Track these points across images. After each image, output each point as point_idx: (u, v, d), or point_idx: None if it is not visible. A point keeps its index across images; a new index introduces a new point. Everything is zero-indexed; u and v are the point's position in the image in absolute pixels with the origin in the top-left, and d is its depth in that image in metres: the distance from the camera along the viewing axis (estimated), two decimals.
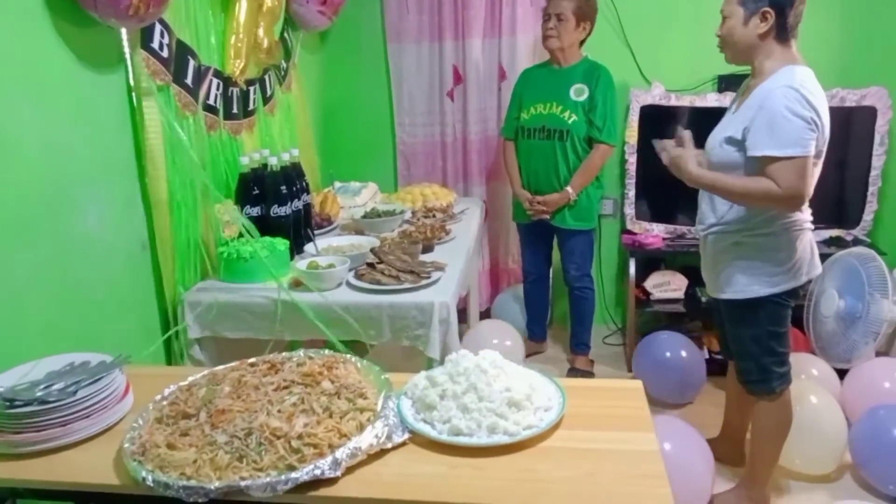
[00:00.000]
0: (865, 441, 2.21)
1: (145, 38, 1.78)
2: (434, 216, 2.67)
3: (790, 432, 2.07)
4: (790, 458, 2.22)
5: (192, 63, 1.98)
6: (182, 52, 1.94)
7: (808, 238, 1.91)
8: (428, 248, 2.26)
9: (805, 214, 1.88)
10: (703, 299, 2.99)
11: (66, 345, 1.45)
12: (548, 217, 2.91)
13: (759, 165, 1.76)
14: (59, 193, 1.54)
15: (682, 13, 3.18)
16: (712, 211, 1.96)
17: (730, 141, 1.83)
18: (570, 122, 2.81)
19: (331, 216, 2.62)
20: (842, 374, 2.61)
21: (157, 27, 1.80)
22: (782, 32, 1.80)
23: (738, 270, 1.91)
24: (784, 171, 1.71)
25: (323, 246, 2.23)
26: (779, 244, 1.86)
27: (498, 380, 1.24)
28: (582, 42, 2.86)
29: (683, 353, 2.79)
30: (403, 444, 1.17)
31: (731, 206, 1.89)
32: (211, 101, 2.12)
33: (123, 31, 1.71)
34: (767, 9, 1.77)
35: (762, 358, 1.97)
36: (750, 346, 1.98)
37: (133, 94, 1.78)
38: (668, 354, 2.79)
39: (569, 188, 2.83)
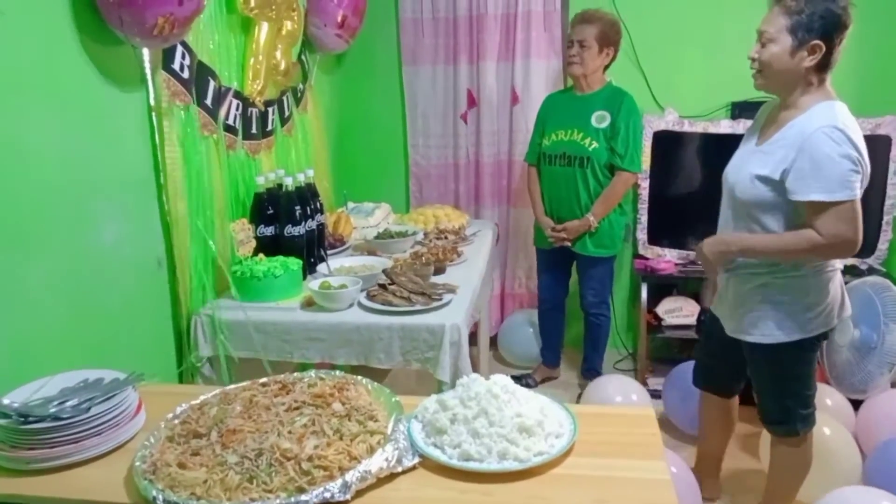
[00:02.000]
0: (880, 474, 2.17)
1: (167, 59, 1.81)
2: (446, 238, 2.68)
3: None
4: (802, 491, 2.18)
5: (212, 84, 2.02)
6: (203, 74, 1.97)
7: (839, 279, 1.83)
8: (440, 270, 2.27)
9: None
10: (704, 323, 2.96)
11: (80, 360, 1.47)
12: (569, 244, 2.90)
13: (803, 210, 1.67)
14: (76, 208, 1.56)
15: (696, 39, 3.20)
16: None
17: (763, 180, 1.72)
18: (590, 149, 2.80)
19: (343, 236, 2.63)
20: (856, 404, 2.57)
21: (179, 49, 1.84)
22: (824, 67, 1.69)
23: (767, 314, 1.80)
24: (828, 219, 1.62)
25: (335, 266, 2.24)
26: (809, 286, 1.77)
27: (509, 405, 1.24)
28: (606, 67, 2.87)
29: None
30: (413, 468, 1.16)
31: None
32: (230, 122, 2.16)
33: (146, 51, 1.74)
34: (819, 42, 1.65)
35: (785, 400, 1.89)
36: (773, 388, 1.90)
37: (153, 113, 1.81)
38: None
39: (590, 216, 2.82)
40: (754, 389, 1.98)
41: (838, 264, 1.83)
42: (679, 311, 3.16)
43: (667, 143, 3.24)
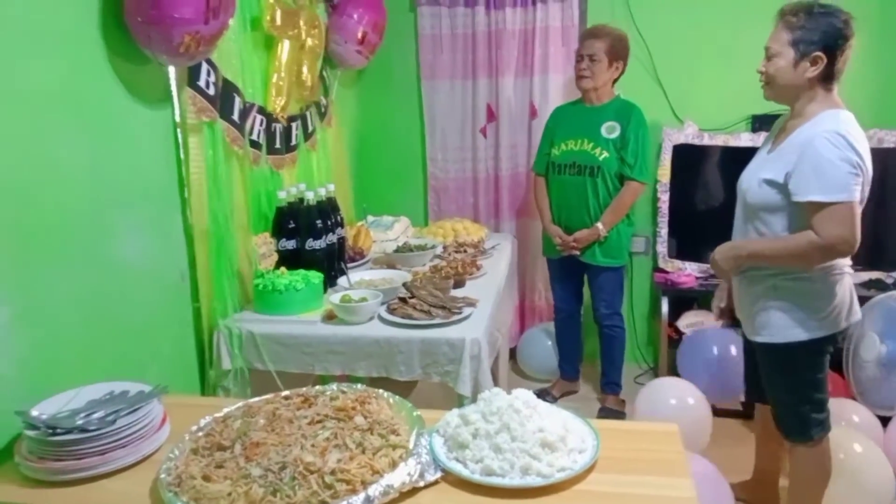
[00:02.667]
0: None
1: (192, 76, 1.85)
2: (465, 251, 2.69)
3: (834, 482, 2.00)
4: None
5: (237, 100, 2.05)
6: (228, 90, 2.00)
7: (848, 283, 1.86)
8: (459, 284, 2.27)
9: (845, 259, 1.82)
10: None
11: (104, 372, 1.49)
12: (578, 253, 2.90)
13: (804, 210, 1.73)
14: (102, 222, 1.58)
15: (715, 52, 3.19)
16: None
17: (770, 183, 1.79)
18: (601, 158, 2.82)
19: (363, 250, 2.65)
20: (884, 420, 2.52)
21: (204, 66, 1.87)
22: (829, 77, 1.77)
23: (776, 314, 1.86)
24: (828, 220, 1.68)
25: (356, 279, 2.25)
26: (816, 290, 1.81)
27: (531, 420, 1.23)
28: (615, 81, 2.89)
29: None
30: (436, 482, 1.16)
31: None
32: (255, 137, 2.19)
33: (172, 69, 1.78)
34: (820, 53, 1.73)
35: (800, 406, 1.91)
36: (786, 393, 1.92)
37: (179, 129, 1.84)
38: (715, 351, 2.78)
39: (599, 224, 2.83)
40: (769, 397, 2.00)
41: (847, 268, 1.85)
42: (700, 325, 3.13)
43: (686, 156, 3.23)
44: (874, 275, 3.02)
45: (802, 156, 1.72)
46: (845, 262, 1.84)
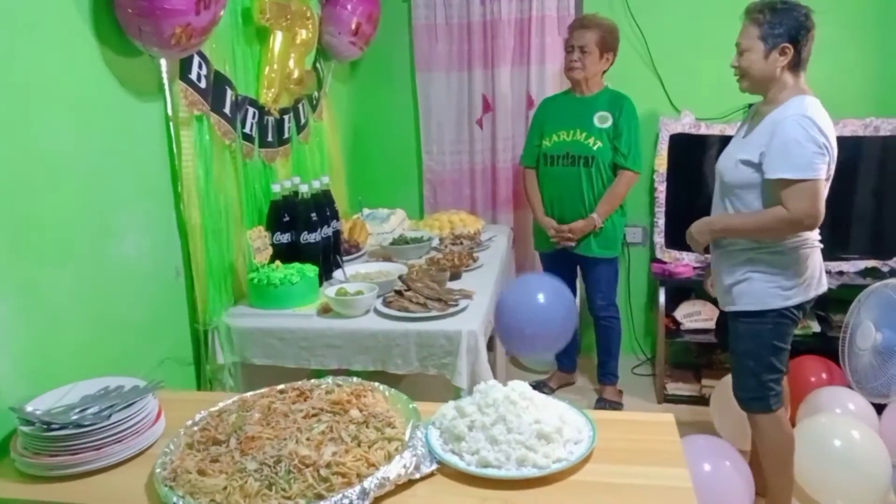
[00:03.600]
0: None
1: (184, 69, 1.83)
2: (462, 244, 2.68)
3: (831, 468, 2.03)
4: (831, 498, 2.15)
5: (229, 93, 2.04)
6: (220, 83, 1.99)
7: (818, 256, 2.00)
8: (455, 276, 2.27)
9: (814, 234, 1.96)
10: None
11: (101, 368, 1.49)
12: (573, 245, 2.89)
13: (774, 187, 1.87)
14: (97, 218, 1.58)
15: (712, 41, 3.15)
16: None
17: (745, 163, 1.93)
18: (594, 148, 2.81)
19: (359, 243, 2.64)
20: (879, 408, 2.53)
21: (196, 59, 1.86)
22: (796, 65, 1.92)
23: (752, 284, 1.97)
24: (795, 195, 1.83)
25: (351, 273, 2.24)
26: (790, 261, 1.94)
27: (527, 411, 1.23)
28: (604, 71, 2.88)
29: None
30: (431, 474, 1.16)
31: None
32: (247, 130, 2.17)
33: (163, 61, 1.76)
34: (787, 44, 1.88)
35: (761, 374, 2.01)
36: (750, 361, 2.02)
37: (171, 122, 1.83)
38: None
39: (594, 215, 2.82)
40: (732, 367, 2.11)
41: (817, 242, 1.98)
42: (697, 315, 3.13)
43: (683, 145, 3.22)
44: (870, 263, 3.02)
45: (773, 137, 1.86)
46: (815, 236, 1.97)
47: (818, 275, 2.01)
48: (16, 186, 1.35)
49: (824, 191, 1.86)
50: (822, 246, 2.00)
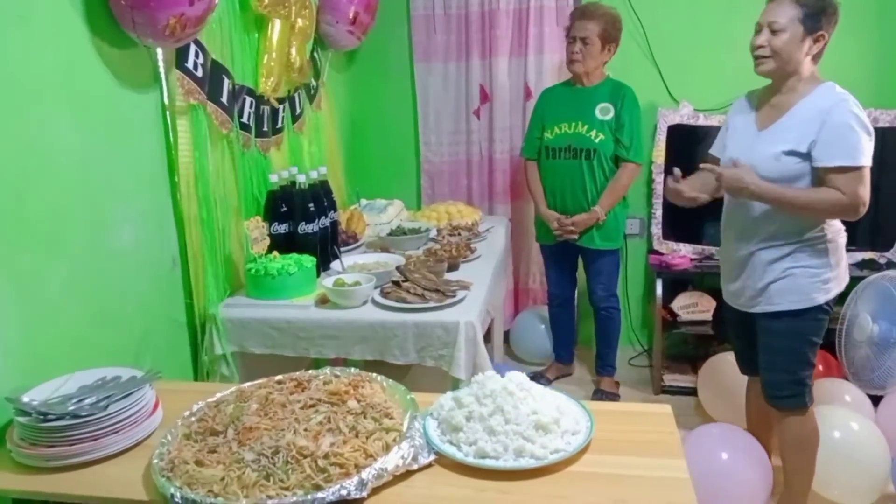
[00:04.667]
0: None
1: (180, 58, 1.82)
2: (459, 234, 2.67)
3: (830, 460, 2.03)
4: (828, 488, 2.16)
5: (226, 82, 2.02)
6: (217, 72, 1.98)
7: (844, 247, 1.98)
8: (453, 267, 2.26)
9: (842, 224, 1.95)
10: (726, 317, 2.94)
11: (97, 359, 1.48)
12: (575, 238, 2.89)
13: (828, 174, 1.82)
14: (92, 209, 1.57)
15: (711, 32, 3.17)
16: (757, 227, 1.94)
17: (791, 153, 1.86)
18: (596, 140, 2.80)
19: (357, 233, 2.63)
20: (875, 400, 2.54)
21: (192, 48, 1.84)
22: (818, 54, 1.88)
23: (798, 279, 1.91)
24: (852, 181, 1.79)
25: (349, 263, 2.24)
26: (829, 251, 1.91)
27: (525, 402, 1.23)
28: (606, 62, 2.86)
29: None
30: (429, 465, 1.16)
31: (786, 219, 1.89)
32: (244, 120, 2.16)
33: (159, 51, 1.75)
34: (823, 32, 1.83)
35: (798, 371, 1.96)
36: (787, 359, 1.96)
37: (167, 112, 1.82)
38: None
39: (597, 208, 2.82)
40: (762, 366, 2.03)
41: (844, 233, 1.96)
42: (695, 307, 3.13)
43: (682, 136, 3.21)
44: (867, 255, 3.02)
45: (824, 125, 1.80)
46: (842, 226, 1.95)
47: (846, 266, 1.99)
48: (10, 178, 1.33)
49: (869, 177, 1.84)
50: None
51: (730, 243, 2.05)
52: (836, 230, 1.93)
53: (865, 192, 1.81)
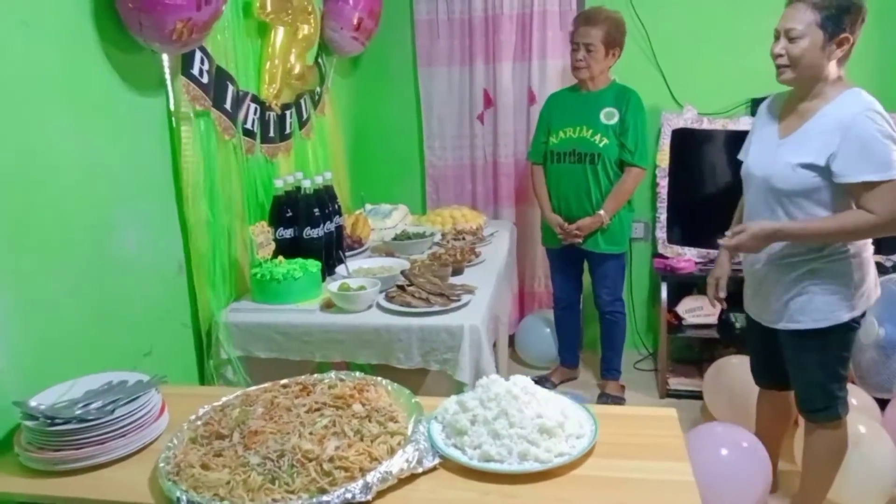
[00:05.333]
0: None
1: (186, 64, 1.83)
2: (464, 239, 2.68)
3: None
4: (837, 492, 2.15)
5: (230, 88, 2.04)
6: (221, 78, 1.99)
7: (873, 260, 1.90)
8: (458, 271, 2.27)
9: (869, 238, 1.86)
10: (738, 325, 2.93)
11: (103, 363, 1.49)
12: (580, 242, 2.89)
13: (854, 190, 1.72)
14: (98, 214, 1.58)
15: (715, 35, 3.17)
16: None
17: (808, 167, 1.76)
18: (601, 145, 2.80)
19: (361, 238, 2.64)
20: (882, 403, 2.52)
21: (198, 54, 1.86)
22: (845, 57, 1.77)
23: (818, 297, 1.84)
24: (882, 197, 1.69)
25: (354, 268, 2.24)
26: (853, 267, 1.83)
27: (529, 406, 1.23)
28: (610, 66, 2.87)
29: None
30: (434, 469, 1.16)
31: None
32: (248, 126, 2.17)
33: (165, 57, 1.76)
34: (847, 35, 1.72)
35: (829, 384, 1.91)
36: (817, 373, 1.92)
37: (173, 118, 1.83)
38: None
39: (601, 212, 2.82)
40: (793, 379, 2.00)
41: (871, 246, 1.88)
42: (700, 311, 3.12)
43: (685, 140, 3.21)
44: (874, 258, 3.00)
45: (846, 137, 1.70)
46: (869, 239, 1.86)
47: (874, 279, 1.89)
48: (16, 181, 1.34)
49: None
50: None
51: (750, 256, 1.97)
52: (860, 244, 1.83)
53: None
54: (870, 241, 1.86)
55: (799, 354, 1.95)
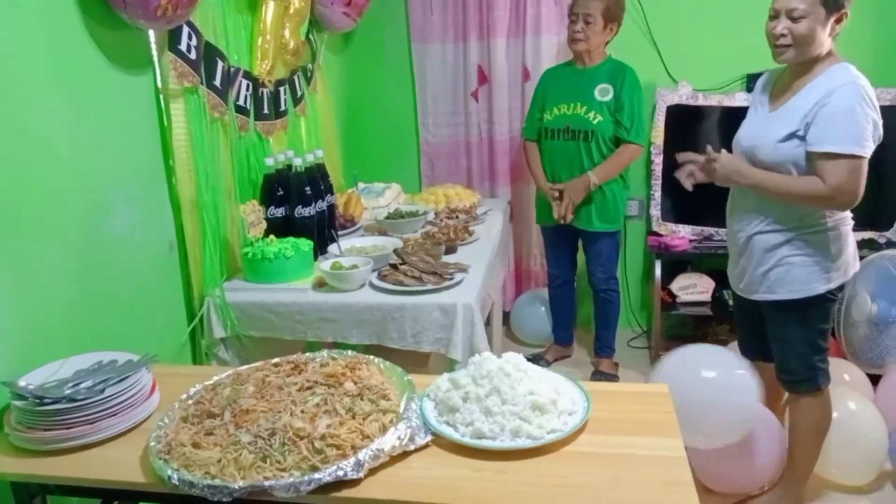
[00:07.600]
0: None
1: (173, 40, 1.80)
2: (457, 217, 2.67)
3: (827, 440, 2.03)
4: (826, 468, 2.17)
5: (220, 65, 2.00)
6: (210, 54, 1.95)
7: (852, 234, 1.91)
8: (451, 250, 2.26)
9: (848, 212, 1.87)
10: (731, 302, 2.94)
11: (94, 343, 1.48)
12: (571, 216, 2.86)
13: (816, 162, 1.74)
14: (88, 194, 1.56)
15: (710, 11, 3.13)
16: (759, 212, 1.90)
17: (790, 137, 1.78)
18: (594, 122, 2.78)
19: (354, 217, 2.62)
20: (874, 379, 2.54)
21: (185, 29, 1.82)
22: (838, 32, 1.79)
23: (795, 269, 1.87)
24: (836, 170, 1.70)
25: (346, 247, 2.23)
26: (830, 240, 1.85)
27: (521, 383, 1.23)
28: (608, 42, 2.83)
29: None
30: (426, 446, 1.17)
31: (785, 206, 1.85)
32: (241, 103, 2.14)
33: (151, 33, 1.73)
34: (846, 10, 1.74)
35: (811, 357, 1.95)
36: (799, 346, 1.95)
37: (161, 95, 1.80)
38: None
39: (590, 173, 2.77)
40: (774, 351, 2.02)
41: (851, 221, 1.89)
42: (693, 288, 3.13)
43: (680, 117, 3.19)
44: (867, 235, 3.01)
45: (822, 107, 1.72)
46: (849, 215, 1.88)
47: (854, 253, 1.91)
48: (3, 162, 1.32)
49: (865, 169, 1.73)
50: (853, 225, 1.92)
51: (732, 227, 2.02)
52: (839, 217, 1.85)
53: (853, 184, 1.70)
54: (849, 214, 1.87)
55: (780, 327, 1.98)
